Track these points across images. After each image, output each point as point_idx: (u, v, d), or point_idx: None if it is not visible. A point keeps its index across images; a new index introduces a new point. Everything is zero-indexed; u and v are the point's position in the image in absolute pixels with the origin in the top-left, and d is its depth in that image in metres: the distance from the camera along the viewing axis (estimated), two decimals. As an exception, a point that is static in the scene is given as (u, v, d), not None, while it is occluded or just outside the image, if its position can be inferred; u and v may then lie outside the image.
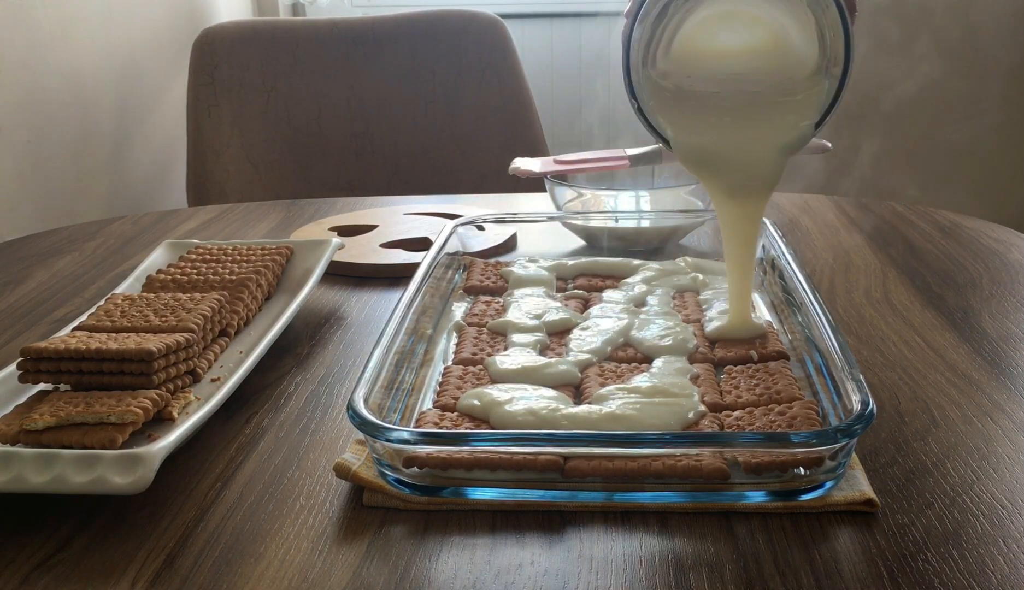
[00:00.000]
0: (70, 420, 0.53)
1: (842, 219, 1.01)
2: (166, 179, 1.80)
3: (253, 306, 0.72)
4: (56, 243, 1.03)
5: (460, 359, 0.64)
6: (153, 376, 0.57)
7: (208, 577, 0.45)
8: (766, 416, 0.54)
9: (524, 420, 0.53)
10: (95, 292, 0.85)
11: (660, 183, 0.99)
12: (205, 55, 1.56)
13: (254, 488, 0.53)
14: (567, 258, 0.83)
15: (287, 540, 0.48)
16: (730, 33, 0.61)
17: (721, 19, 0.61)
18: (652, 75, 0.61)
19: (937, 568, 0.44)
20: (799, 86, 0.60)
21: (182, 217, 1.12)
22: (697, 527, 0.48)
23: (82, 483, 0.48)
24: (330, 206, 1.13)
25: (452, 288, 0.78)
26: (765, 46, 0.61)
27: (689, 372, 0.60)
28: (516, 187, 1.43)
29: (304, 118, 1.58)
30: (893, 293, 0.79)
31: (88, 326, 0.64)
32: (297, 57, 1.57)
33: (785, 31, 0.60)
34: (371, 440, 0.50)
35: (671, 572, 0.44)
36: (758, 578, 0.44)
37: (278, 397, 0.64)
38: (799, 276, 0.67)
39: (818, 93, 0.59)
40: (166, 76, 1.79)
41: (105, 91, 1.58)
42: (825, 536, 0.47)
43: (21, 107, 1.34)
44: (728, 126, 0.62)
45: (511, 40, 1.58)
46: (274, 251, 0.79)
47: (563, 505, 0.49)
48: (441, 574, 0.45)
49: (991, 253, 0.89)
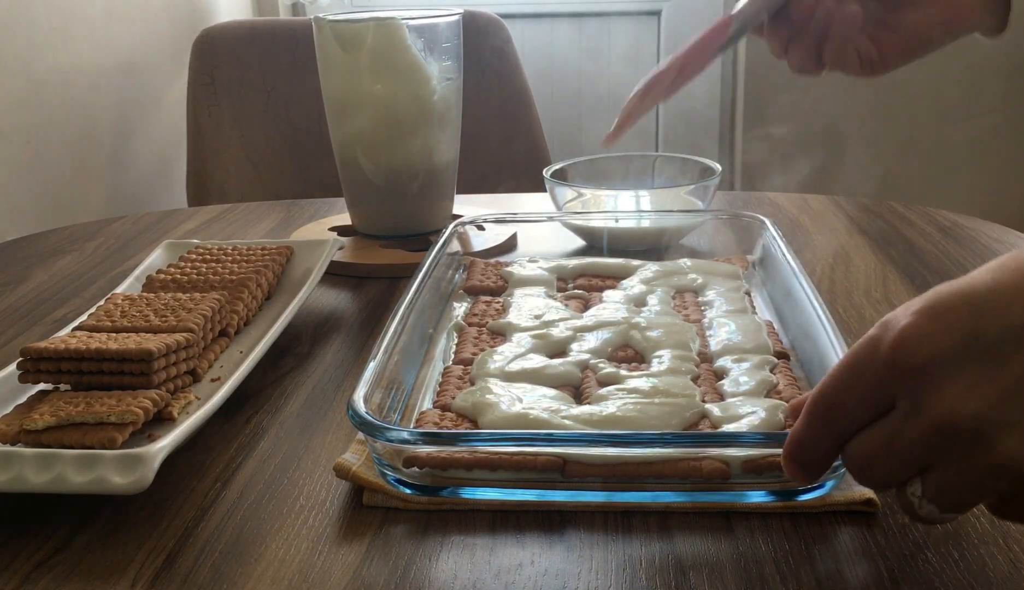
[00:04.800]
0: (70, 420, 0.53)
1: (842, 219, 1.01)
2: (166, 179, 1.80)
3: (253, 306, 0.73)
4: (56, 243, 1.03)
5: (460, 359, 0.64)
6: (153, 376, 0.57)
7: (208, 577, 0.45)
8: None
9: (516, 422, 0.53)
10: (95, 292, 0.85)
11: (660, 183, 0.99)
12: (205, 55, 1.56)
13: (254, 488, 0.53)
14: (567, 258, 0.83)
15: (287, 540, 0.48)
16: None
17: None
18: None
19: (937, 568, 0.44)
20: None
21: (182, 217, 1.12)
22: (697, 527, 0.48)
23: (82, 483, 0.48)
24: (330, 206, 1.13)
25: (452, 288, 0.78)
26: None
27: (691, 372, 0.60)
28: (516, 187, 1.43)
29: (304, 118, 1.58)
30: (893, 293, 0.79)
31: (88, 326, 0.64)
32: (297, 57, 1.57)
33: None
34: (371, 440, 0.50)
35: (671, 572, 0.44)
36: (758, 578, 0.44)
37: (278, 397, 0.64)
38: (799, 276, 0.67)
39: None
40: (166, 76, 1.79)
41: (105, 91, 1.58)
42: (825, 536, 0.47)
43: (21, 107, 1.34)
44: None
45: (511, 40, 1.58)
46: (274, 251, 0.80)
47: (563, 505, 0.49)
48: (441, 574, 0.45)
49: (991, 253, 0.89)
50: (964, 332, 0.36)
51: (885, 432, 0.38)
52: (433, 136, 0.92)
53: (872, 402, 0.39)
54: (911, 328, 0.37)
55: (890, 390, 0.38)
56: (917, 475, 0.39)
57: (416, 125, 0.91)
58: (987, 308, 0.36)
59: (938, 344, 0.36)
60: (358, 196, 0.96)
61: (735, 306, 0.70)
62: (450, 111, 0.93)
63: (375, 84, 0.90)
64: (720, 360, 0.62)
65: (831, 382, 0.40)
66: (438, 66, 0.91)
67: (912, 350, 0.37)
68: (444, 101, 0.92)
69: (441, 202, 0.96)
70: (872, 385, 0.38)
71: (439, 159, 0.93)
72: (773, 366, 0.60)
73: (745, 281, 0.76)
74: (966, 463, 0.37)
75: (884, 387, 0.38)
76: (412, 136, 0.91)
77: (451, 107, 0.93)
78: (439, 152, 0.93)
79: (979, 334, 0.36)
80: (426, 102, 0.90)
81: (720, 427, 0.53)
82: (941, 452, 0.37)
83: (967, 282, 0.37)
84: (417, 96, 0.90)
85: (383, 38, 0.88)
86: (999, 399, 0.36)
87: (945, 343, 0.36)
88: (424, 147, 0.92)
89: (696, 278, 0.75)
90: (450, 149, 0.95)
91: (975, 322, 0.36)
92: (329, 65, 0.92)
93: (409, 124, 0.91)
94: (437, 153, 0.93)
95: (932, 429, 0.37)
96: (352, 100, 0.91)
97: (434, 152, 0.92)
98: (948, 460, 0.37)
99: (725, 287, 0.73)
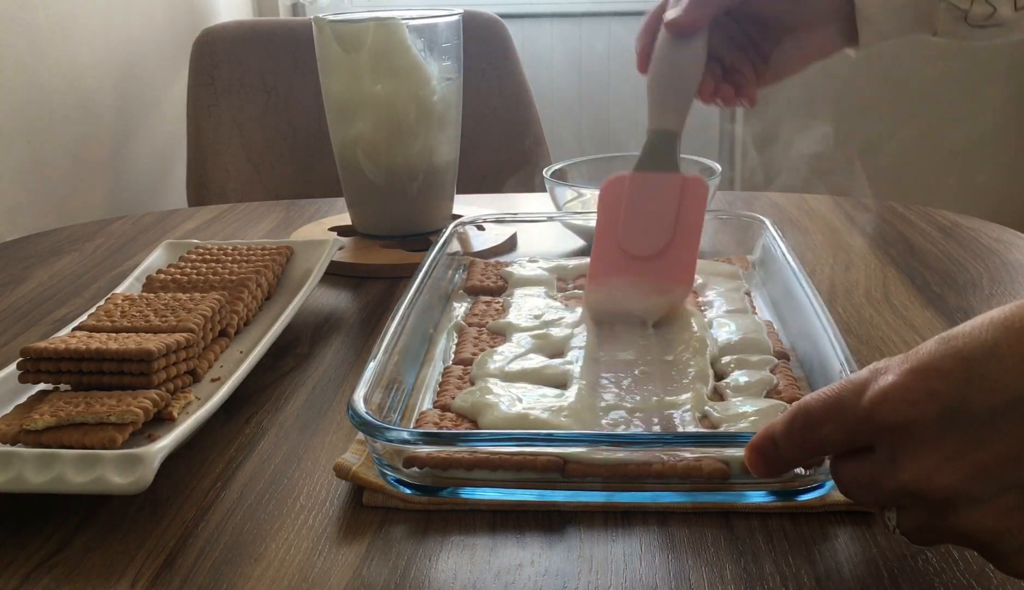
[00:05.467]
0: (70, 420, 0.53)
1: (842, 219, 1.01)
2: (166, 179, 1.80)
3: (253, 306, 0.72)
4: (56, 243, 1.03)
5: (460, 359, 0.64)
6: (153, 376, 0.57)
7: (208, 577, 0.45)
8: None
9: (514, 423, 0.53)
10: (95, 292, 0.85)
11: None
12: (205, 55, 1.56)
13: (254, 488, 0.53)
14: (567, 258, 0.83)
15: (287, 540, 0.48)
16: None
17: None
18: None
19: (937, 568, 0.44)
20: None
21: (182, 217, 1.12)
22: (697, 527, 0.48)
23: (82, 483, 0.48)
24: (330, 206, 1.13)
25: (452, 288, 0.78)
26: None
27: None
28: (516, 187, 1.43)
29: (304, 118, 1.58)
30: (893, 293, 0.79)
31: (88, 326, 0.64)
32: (297, 57, 1.57)
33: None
34: (371, 440, 0.50)
35: (671, 572, 0.44)
36: (758, 578, 0.44)
37: (278, 397, 0.64)
38: (799, 276, 0.67)
39: None
40: (166, 76, 1.79)
41: (105, 91, 1.58)
42: (825, 536, 0.47)
43: (21, 107, 1.34)
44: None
45: (511, 40, 1.58)
46: (274, 251, 0.80)
47: (563, 505, 0.49)
48: (441, 574, 0.45)
49: (991, 253, 0.89)
50: (951, 401, 0.36)
51: (867, 470, 0.39)
52: (433, 136, 0.92)
53: (847, 441, 0.40)
54: (896, 388, 0.37)
55: (866, 437, 0.39)
56: (895, 507, 0.40)
57: (416, 125, 0.91)
58: (980, 376, 0.35)
59: (920, 411, 0.36)
60: (358, 196, 0.96)
61: (735, 306, 0.70)
62: (450, 111, 0.93)
63: (375, 84, 0.90)
64: (720, 360, 0.61)
65: (816, 404, 0.40)
66: (438, 66, 0.91)
67: (892, 410, 0.37)
68: (444, 101, 0.92)
69: (441, 202, 0.96)
70: (849, 428, 0.39)
71: (439, 159, 0.93)
72: (773, 366, 0.60)
73: (745, 281, 0.76)
74: (934, 520, 0.38)
75: (860, 433, 0.39)
76: (412, 136, 0.91)
77: (451, 107, 0.93)
78: (439, 152, 0.93)
79: (966, 405, 0.36)
80: (426, 102, 0.90)
81: (720, 427, 0.53)
82: (912, 506, 0.39)
83: (967, 339, 0.36)
84: (417, 96, 0.90)
85: (383, 38, 0.88)
86: (972, 475, 0.36)
87: (928, 411, 0.36)
88: (424, 147, 0.92)
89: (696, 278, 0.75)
90: (450, 149, 0.95)
91: (965, 391, 0.36)
92: (329, 65, 0.92)
93: (409, 124, 0.91)
94: (437, 153, 0.93)
95: (904, 488, 0.37)
96: (352, 100, 0.91)
97: (434, 152, 0.92)
98: (918, 513, 0.38)
99: (725, 287, 0.73)
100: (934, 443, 0.36)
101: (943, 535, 0.39)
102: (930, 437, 0.36)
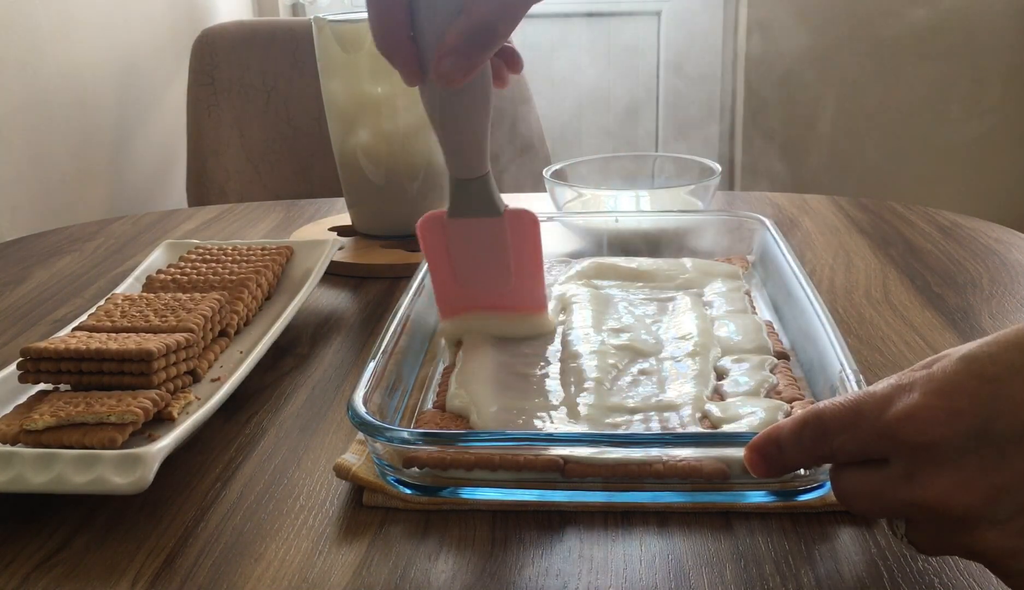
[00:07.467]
0: (70, 420, 0.53)
1: (842, 219, 1.01)
2: (166, 179, 1.80)
3: (253, 306, 0.73)
4: (56, 243, 1.03)
5: (460, 359, 0.64)
6: (153, 376, 0.57)
7: (208, 577, 0.45)
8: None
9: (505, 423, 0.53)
10: (95, 292, 0.85)
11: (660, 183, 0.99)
12: (205, 55, 1.56)
13: (254, 488, 0.53)
14: (567, 258, 0.83)
15: (287, 540, 0.48)
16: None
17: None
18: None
19: (937, 568, 0.44)
20: None
21: (182, 217, 1.12)
22: (697, 527, 0.48)
23: (82, 483, 0.48)
24: (330, 206, 1.13)
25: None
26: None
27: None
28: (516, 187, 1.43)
29: (304, 118, 1.58)
30: (893, 293, 0.79)
31: (88, 326, 0.64)
32: (297, 57, 1.57)
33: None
34: (371, 440, 0.50)
35: (671, 572, 0.44)
36: (758, 578, 0.44)
37: (278, 397, 0.64)
38: (799, 276, 0.67)
39: None
40: (166, 76, 1.79)
41: (105, 91, 1.58)
42: (825, 536, 0.47)
43: (21, 107, 1.34)
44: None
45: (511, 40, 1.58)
46: (274, 251, 0.80)
47: (563, 505, 0.49)
48: (441, 574, 0.45)
49: (991, 253, 0.89)
50: (974, 421, 0.36)
51: (875, 482, 0.39)
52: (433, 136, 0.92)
53: (862, 452, 0.40)
54: (921, 409, 0.37)
55: (884, 451, 0.39)
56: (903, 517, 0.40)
57: (416, 125, 0.91)
58: (1005, 397, 0.36)
59: (943, 431, 0.37)
60: (358, 196, 0.96)
61: (735, 306, 0.70)
62: (450, 111, 0.93)
63: (375, 84, 0.90)
64: (720, 360, 0.61)
65: (832, 413, 0.40)
66: (438, 66, 0.91)
67: (917, 429, 0.37)
68: (444, 101, 0.92)
69: (441, 202, 0.96)
70: (867, 440, 0.39)
71: (439, 159, 0.93)
72: (773, 366, 0.60)
73: (745, 281, 0.75)
74: (947, 536, 0.38)
75: (879, 446, 0.39)
76: (412, 136, 0.91)
77: (451, 107, 0.93)
78: (439, 152, 0.93)
79: (988, 425, 0.36)
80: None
81: (720, 427, 0.53)
82: (924, 521, 0.39)
83: (992, 361, 0.37)
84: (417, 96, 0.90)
85: (383, 38, 0.88)
86: (991, 496, 0.36)
87: (952, 430, 0.36)
88: (424, 147, 0.92)
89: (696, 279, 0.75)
90: (450, 149, 0.95)
91: (988, 411, 0.36)
92: (329, 65, 0.92)
93: (409, 124, 0.91)
94: (437, 153, 0.93)
95: (920, 503, 0.38)
96: (352, 100, 0.91)
97: (434, 152, 0.92)
98: (930, 527, 0.39)
99: (725, 287, 0.73)
100: (955, 463, 0.37)
101: (954, 549, 0.39)
102: (952, 456, 0.37)
